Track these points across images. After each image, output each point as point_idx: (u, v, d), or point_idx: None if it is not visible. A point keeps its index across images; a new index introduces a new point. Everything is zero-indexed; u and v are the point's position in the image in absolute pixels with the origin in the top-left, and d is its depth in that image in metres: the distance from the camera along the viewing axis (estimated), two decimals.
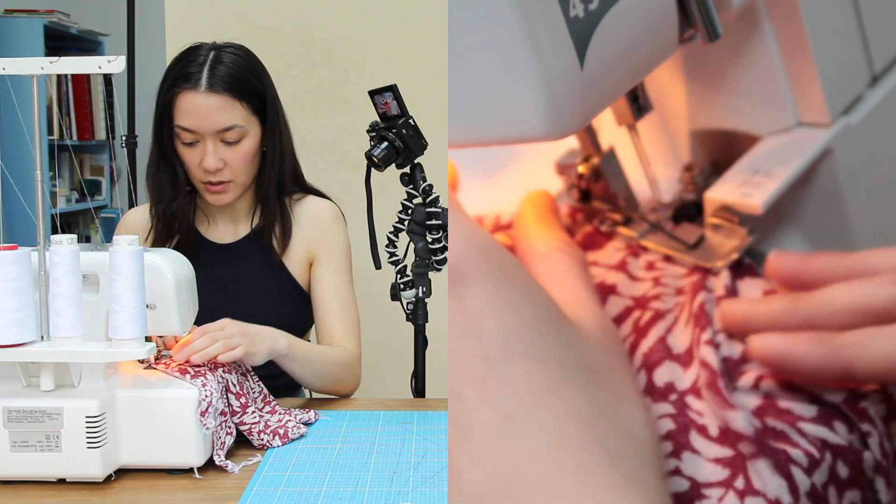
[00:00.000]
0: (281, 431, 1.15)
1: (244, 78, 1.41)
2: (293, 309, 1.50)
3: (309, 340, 1.59)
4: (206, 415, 1.05)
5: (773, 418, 0.90)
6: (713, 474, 0.87)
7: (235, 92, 1.39)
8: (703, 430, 0.91)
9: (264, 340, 1.24)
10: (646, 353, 0.99)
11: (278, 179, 1.48)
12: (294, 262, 1.50)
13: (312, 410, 1.25)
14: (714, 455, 0.89)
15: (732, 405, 0.91)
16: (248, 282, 1.48)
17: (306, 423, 1.22)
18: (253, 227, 1.51)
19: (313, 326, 1.56)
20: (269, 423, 1.16)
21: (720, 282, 1.06)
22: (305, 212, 1.53)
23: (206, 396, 1.05)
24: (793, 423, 0.89)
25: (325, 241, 1.52)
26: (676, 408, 0.93)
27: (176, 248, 1.47)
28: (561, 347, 0.77)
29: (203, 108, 1.37)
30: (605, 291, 1.08)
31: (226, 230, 1.51)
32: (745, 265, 1.10)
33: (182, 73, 1.39)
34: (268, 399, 1.21)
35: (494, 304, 0.76)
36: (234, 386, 1.13)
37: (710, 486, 0.86)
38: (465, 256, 0.80)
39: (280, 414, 1.19)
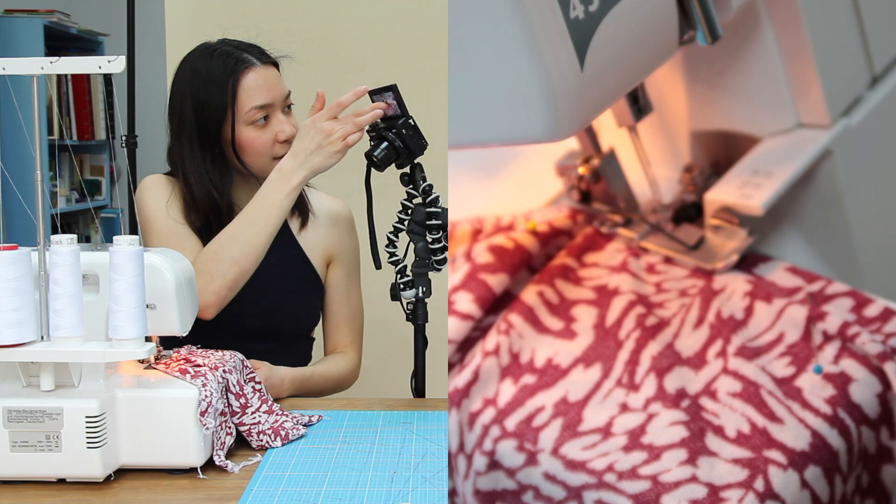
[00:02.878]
0: (282, 433, 1.15)
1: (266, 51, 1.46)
2: (311, 296, 1.53)
3: (314, 337, 1.61)
4: (206, 415, 1.05)
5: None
6: (731, 474, 0.87)
7: (275, 62, 1.46)
8: (719, 431, 0.92)
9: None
10: (654, 357, 0.99)
11: None
12: (316, 254, 1.53)
13: (317, 414, 1.25)
14: (731, 455, 0.89)
15: (780, 419, 0.91)
16: (269, 267, 1.48)
17: (305, 425, 1.22)
18: None
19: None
20: (267, 423, 1.16)
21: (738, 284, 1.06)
22: (326, 210, 1.55)
23: (206, 396, 1.05)
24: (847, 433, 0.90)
25: (343, 244, 1.55)
26: (689, 413, 0.93)
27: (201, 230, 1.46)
28: None
29: (270, 79, 1.42)
30: (607, 295, 1.08)
31: None
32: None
33: (230, 59, 1.40)
34: (266, 399, 1.21)
35: None
36: (234, 386, 1.13)
37: (729, 487, 0.86)
38: None
39: (278, 415, 1.19)
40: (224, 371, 1.13)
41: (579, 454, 0.91)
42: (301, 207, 1.52)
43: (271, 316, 1.48)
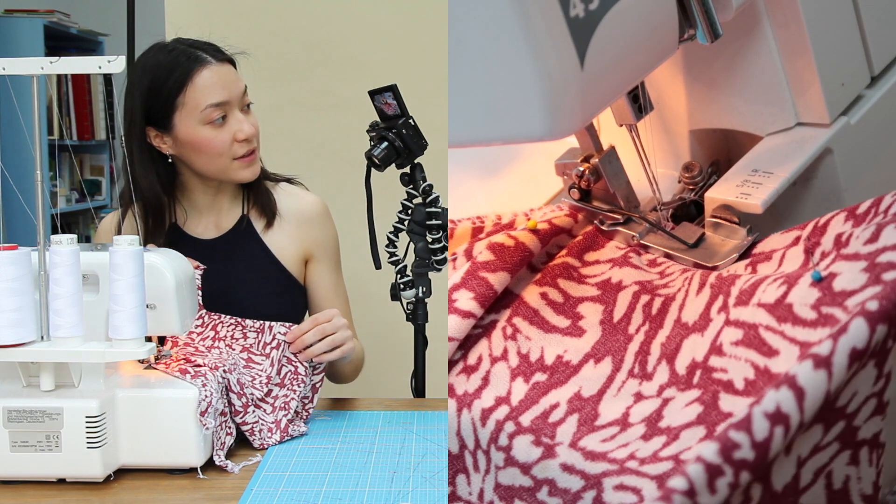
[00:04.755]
0: (282, 427, 1.15)
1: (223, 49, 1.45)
2: (286, 298, 1.50)
3: None
4: (206, 415, 1.05)
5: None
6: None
7: (231, 60, 1.43)
8: (729, 388, 0.90)
9: (352, 341, 1.32)
10: (664, 343, 0.99)
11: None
12: (287, 254, 1.50)
13: (317, 414, 1.25)
14: (744, 410, 0.88)
15: (776, 350, 0.89)
16: (239, 274, 1.47)
17: (305, 423, 1.22)
18: (238, 217, 1.49)
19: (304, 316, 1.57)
20: (268, 421, 1.16)
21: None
22: (296, 208, 1.52)
23: (206, 396, 1.06)
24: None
25: (320, 240, 1.52)
26: (701, 385, 0.93)
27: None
28: None
29: (226, 76, 1.39)
30: (612, 289, 1.08)
31: (208, 225, 1.49)
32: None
33: (183, 56, 1.37)
34: (266, 399, 1.21)
35: None
36: (235, 386, 1.14)
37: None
38: None
39: (278, 411, 1.19)
40: (224, 371, 1.13)
41: (599, 446, 0.91)
42: (265, 206, 1.49)
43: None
